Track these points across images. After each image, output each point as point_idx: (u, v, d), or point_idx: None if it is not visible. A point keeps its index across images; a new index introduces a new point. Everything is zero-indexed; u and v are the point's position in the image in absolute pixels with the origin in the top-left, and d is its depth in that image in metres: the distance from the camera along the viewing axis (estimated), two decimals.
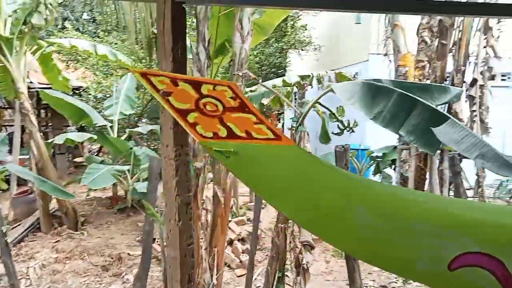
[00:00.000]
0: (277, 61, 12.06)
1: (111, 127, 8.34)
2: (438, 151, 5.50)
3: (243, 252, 5.95)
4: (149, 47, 6.59)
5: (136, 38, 6.48)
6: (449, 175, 5.73)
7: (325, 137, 4.02)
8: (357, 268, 3.74)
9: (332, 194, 1.17)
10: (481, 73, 6.11)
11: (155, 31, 5.68)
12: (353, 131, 3.79)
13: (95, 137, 7.75)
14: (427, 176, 6.08)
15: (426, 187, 6.17)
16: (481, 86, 6.08)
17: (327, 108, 3.65)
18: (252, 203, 8.23)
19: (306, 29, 12.03)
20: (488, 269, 0.99)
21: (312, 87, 6.20)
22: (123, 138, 8.35)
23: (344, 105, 3.79)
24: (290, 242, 3.82)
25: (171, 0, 1.79)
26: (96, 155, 11.80)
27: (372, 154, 7.60)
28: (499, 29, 6.02)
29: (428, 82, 5.77)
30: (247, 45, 3.43)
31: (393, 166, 7.00)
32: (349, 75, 5.62)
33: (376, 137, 8.22)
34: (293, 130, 3.50)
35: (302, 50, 12.08)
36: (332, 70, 6.95)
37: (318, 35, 12.48)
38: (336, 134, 3.71)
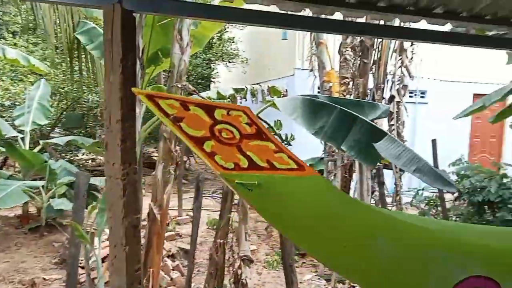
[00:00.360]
0: (205, 72, 11.97)
1: (22, 138, 7.54)
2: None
3: (173, 269, 5.71)
4: (69, 52, 6.13)
5: (56, 42, 5.99)
6: (372, 185, 6.12)
7: None
8: (295, 280, 3.79)
9: (356, 228, 1.16)
10: (398, 90, 6.68)
11: (77, 36, 5.30)
12: (290, 144, 3.87)
13: (2, 149, 6.94)
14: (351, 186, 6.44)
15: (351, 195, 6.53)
16: (398, 103, 6.65)
17: (266, 122, 3.67)
18: (181, 217, 7.99)
19: (233, 42, 12.14)
20: None
21: (246, 100, 6.24)
22: (36, 150, 7.59)
23: (281, 119, 3.87)
24: (229, 257, 3.75)
25: (121, 8, 1.66)
26: (0, 169, 10.54)
27: None
28: (412, 51, 6.66)
29: (351, 97, 6.13)
30: (186, 56, 3.34)
31: None
32: (281, 89, 5.76)
33: (301, 149, 8.50)
34: None
35: (229, 62, 12.14)
36: (259, 83, 7.06)
37: (245, 48, 12.65)
38: None
